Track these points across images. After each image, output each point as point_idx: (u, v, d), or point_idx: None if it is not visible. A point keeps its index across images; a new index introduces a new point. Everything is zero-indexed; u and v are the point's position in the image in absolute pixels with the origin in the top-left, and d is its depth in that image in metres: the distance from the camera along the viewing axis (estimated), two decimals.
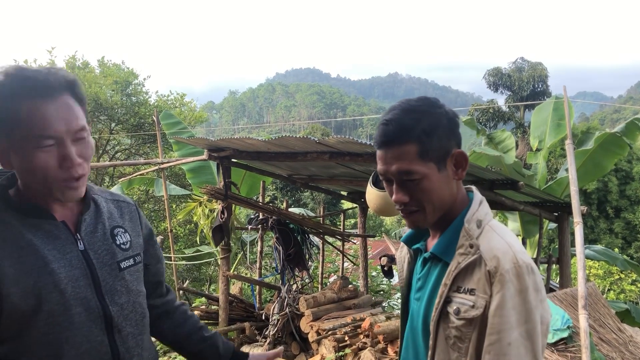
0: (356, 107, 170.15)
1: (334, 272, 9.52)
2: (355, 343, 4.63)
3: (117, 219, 1.45)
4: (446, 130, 1.25)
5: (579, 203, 3.57)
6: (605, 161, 7.75)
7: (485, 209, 1.29)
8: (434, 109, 1.25)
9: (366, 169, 5.07)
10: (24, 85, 1.20)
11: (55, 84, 1.23)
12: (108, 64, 15.33)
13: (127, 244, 1.43)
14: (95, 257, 1.33)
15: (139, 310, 1.42)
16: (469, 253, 1.21)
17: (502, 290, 1.15)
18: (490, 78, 31.49)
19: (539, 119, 8.96)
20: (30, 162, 1.21)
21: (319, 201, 23.44)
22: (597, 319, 4.24)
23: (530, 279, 1.16)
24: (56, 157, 1.22)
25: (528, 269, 1.17)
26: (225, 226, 5.33)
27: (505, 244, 1.21)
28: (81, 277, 1.28)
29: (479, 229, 1.24)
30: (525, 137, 24.49)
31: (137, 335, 1.40)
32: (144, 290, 1.47)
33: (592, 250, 8.34)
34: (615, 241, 22.18)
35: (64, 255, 1.27)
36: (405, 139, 1.21)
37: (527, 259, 1.19)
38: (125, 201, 1.54)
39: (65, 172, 1.24)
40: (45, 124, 1.20)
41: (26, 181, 1.27)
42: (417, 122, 1.22)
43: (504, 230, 1.26)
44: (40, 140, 1.20)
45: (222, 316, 5.41)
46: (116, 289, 1.35)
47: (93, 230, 1.37)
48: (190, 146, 7.87)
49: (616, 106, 74.63)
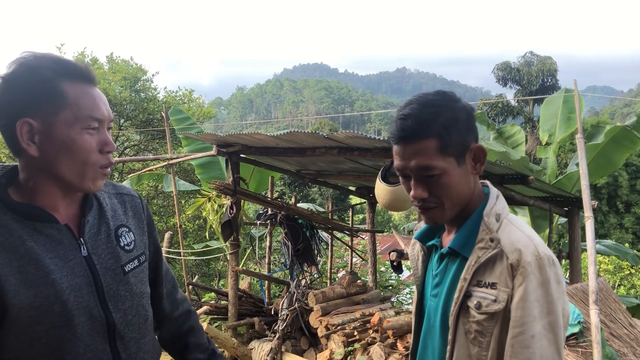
0: (364, 103, 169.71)
1: (343, 267, 9.53)
2: (365, 338, 4.63)
3: (121, 217, 1.40)
4: (465, 124, 1.23)
5: (589, 197, 3.54)
6: (617, 156, 7.68)
7: (502, 203, 1.29)
8: (453, 103, 1.23)
9: (375, 164, 5.06)
10: (66, 68, 1.20)
11: (93, 73, 1.25)
12: (117, 60, 15.38)
13: (131, 244, 1.37)
14: (98, 263, 1.28)
15: (142, 313, 1.37)
16: (490, 247, 1.20)
17: (524, 283, 1.15)
18: (499, 72, 31.27)
19: (548, 112, 8.90)
20: (74, 142, 1.19)
21: (327, 196, 23.44)
22: (608, 314, 4.22)
23: (552, 271, 1.16)
24: (97, 140, 1.22)
25: (550, 261, 1.17)
26: (234, 221, 5.34)
27: (525, 237, 1.20)
28: (84, 286, 1.23)
29: (498, 223, 1.24)
30: (535, 132, 24.34)
31: (140, 339, 1.36)
32: (148, 291, 1.42)
33: (602, 245, 8.30)
34: (626, 236, 22.04)
35: (66, 263, 1.21)
36: (425, 133, 1.19)
37: (548, 251, 1.19)
38: (130, 194, 1.48)
39: (104, 157, 1.24)
40: (94, 106, 1.21)
41: (56, 166, 1.20)
42: (437, 117, 1.20)
43: (522, 224, 1.26)
44: (89, 121, 1.20)
45: (232, 311, 5.42)
46: (120, 295, 1.30)
47: (97, 232, 1.31)
48: (199, 142, 7.88)
49: (627, 100, 73.94)
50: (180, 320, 1.60)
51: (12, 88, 1.17)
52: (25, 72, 1.17)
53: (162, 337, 1.59)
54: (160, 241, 1.66)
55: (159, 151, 14.05)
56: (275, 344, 4.95)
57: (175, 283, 1.63)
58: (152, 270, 1.51)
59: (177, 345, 1.59)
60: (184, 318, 1.62)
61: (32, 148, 1.18)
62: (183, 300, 1.64)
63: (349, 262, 8.12)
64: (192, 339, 1.60)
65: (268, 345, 5.00)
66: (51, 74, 1.17)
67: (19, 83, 1.16)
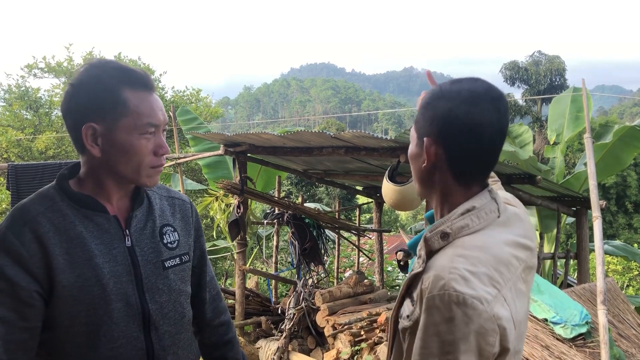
0: (371, 102, 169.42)
1: (350, 266, 9.53)
2: (371, 337, 4.63)
3: (168, 217, 1.48)
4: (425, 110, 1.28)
5: (597, 197, 3.53)
6: (625, 155, 7.62)
7: (465, 222, 1.11)
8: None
9: (382, 164, 5.06)
10: (128, 76, 1.30)
11: (152, 80, 1.34)
12: (125, 60, 15.46)
13: (175, 243, 1.45)
14: (140, 254, 1.36)
15: (179, 309, 1.43)
16: (418, 263, 1.12)
17: (426, 313, 1.04)
18: (507, 72, 31.17)
19: (557, 111, 8.85)
20: (131, 146, 1.29)
21: (334, 196, 23.43)
22: (616, 315, 4.20)
23: (460, 311, 0.99)
24: (152, 144, 1.33)
25: (459, 299, 0.99)
26: (241, 221, 5.36)
27: (447, 267, 1.04)
28: (124, 274, 1.32)
29: (444, 241, 1.11)
30: (543, 132, 24.24)
31: (175, 334, 1.41)
32: (188, 290, 1.49)
33: (610, 246, 8.25)
34: (635, 236, 21.86)
35: (110, 250, 1.31)
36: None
37: (463, 288, 1.00)
38: (180, 199, 1.56)
39: (157, 159, 1.35)
40: (152, 113, 1.32)
41: (115, 165, 1.31)
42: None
43: (467, 251, 1.07)
44: (147, 127, 1.31)
45: (239, 310, 5.44)
46: (158, 287, 1.38)
47: (142, 227, 1.40)
48: (206, 141, 7.91)
49: (636, 99, 73.40)
50: (221, 330, 1.65)
51: (80, 94, 1.28)
52: (91, 80, 1.28)
53: (201, 344, 1.63)
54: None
55: None
56: (282, 343, 4.97)
57: (219, 291, 1.68)
58: (197, 274, 1.58)
59: (216, 356, 1.64)
60: (225, 329, 1.66)
61: (95, 149, 1.29)
62: (224, 310, 1.69)
63: (356, 261, 8.13)
64: (230, 352, 1.65)
65: (275, 345, 5.01)
66: (114, 82, 1.28)
67: (85, 90, 1.28)
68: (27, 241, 1.22)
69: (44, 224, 1.25)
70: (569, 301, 3.84)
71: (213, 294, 1.64)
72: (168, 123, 1.39)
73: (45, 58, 14.72)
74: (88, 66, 1.31)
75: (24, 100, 14.19)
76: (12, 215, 1.26)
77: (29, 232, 1.23)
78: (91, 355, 1.28)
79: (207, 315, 1.61)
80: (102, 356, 1.28)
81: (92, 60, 1.33)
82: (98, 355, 1.28)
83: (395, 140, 3.99)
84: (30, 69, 14.75)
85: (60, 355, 1.28)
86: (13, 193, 5.16)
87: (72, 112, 1.30)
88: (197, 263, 1.57)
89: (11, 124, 13.50)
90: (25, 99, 14.22)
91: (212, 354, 1.63)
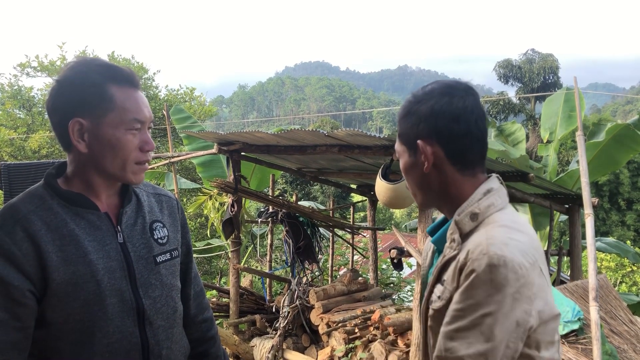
0: (365, 100, 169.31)
1: (344, 264, 9.54)
2: (365, 335, 4.65)
3: (157, 214, 1.50)
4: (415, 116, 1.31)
5: (589, 194, 3.55)
6: (620, 155, 7.61)
7: (489, 201, 1.16)
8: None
9: (375, 162, 5.07)
10: (114, 73, 1.31)
11: (137, 78, 1.36)
12: (118, 58, 15.41)
13: (165, 238, 1.47)
14: (132, 250, 1.38)
15: (172, 304, 1.45)
16: (452, 247, 1.15)
17: (467, 280, 1.06)
18: (500, 70, 31.25)
19: (550, 110, 8.90)
20: (118, 141, 1.31)
21: (328, 194, 23.44)
22: (609, 311, 4.23)
23: (501, 273, 1.02)
24: (138, 140, 1.35)
25: (501, 261, 1.02)
26: (235, 219, 5.36)
27: (484, 238, 1.08)
28: (118, 269, 1.33)
29: (474, 222, 1.14)
30: (536, 129, 24.32)
31: (168, 329, 1.43)
32: (178, 285, 1.51)
33: (603, 243, 8.29)
34: (627, 233, 21.98)
35: (103, 246, 1.32)
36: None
37: (503, 251, 1.04)
38: (167, 195, 1.58)
39: (143, 155, 1.37)
40: (138, 109, 1.34)
41: (101, 161, 1.32)
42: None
43: (503, 224, 1.12)
44: (133, 123, 1.32)
45: (233, 309, 5.44)
46: (150, 283, 1.39)
47: (133, 223, 1.42)
48: (200, 140, 7.90)
49: (628, 97, 73.74)
50: (204, 326, 1.67)
51: (66, 90, 1.30)
52: (77, 77, 1.30)
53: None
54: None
55: (160, 150, 14.05)
56: (276, 341, 4.98)
57: (202, 288, 1.70)
58: (183, 270, 1.59)
59: (198, 351, 1.65)
60: (208, 325, 1.68)
61: (82, 145, 1.31)
62: (207, 307, 1.71)
63: (350, 259, 8.13)
64: (212, 349, 1.68)
65: (269, 343, 5.02)
66: (101, 78, 1.30)
67: (71, 86, 1.30)
68: (19, 240, 1.22)
69: (35, 222, 1.25)
70: (562, 298, 3.86)
71: (197, 290, 1.66)
72: (162, 122, 1.39)
73: (38, 57, 14.64)
74: (73, 64, 1.32)
75: (17, 99, 14.12)
76: (2, 214, 1.26)
77: (20, 231, 1.23)
78: (86, 351, 1.28)
79: (191, 311, 1.62)
80: (98, 352, 1.29)
81: (77, 58, 1.35)
82: (93, 351, 1.29)
83: (389, 139, 4.00)
84: (23, 67, 14.66)
85: (56, 352, 1.28)
86: (6, 192, 5.13)
87: (58, 108, 1.31)
88: (183, 259, 1.58)
89: (4, 123, 13.42)
90: (18, 98, 14.15)
91: (195, 349, 1.63)
